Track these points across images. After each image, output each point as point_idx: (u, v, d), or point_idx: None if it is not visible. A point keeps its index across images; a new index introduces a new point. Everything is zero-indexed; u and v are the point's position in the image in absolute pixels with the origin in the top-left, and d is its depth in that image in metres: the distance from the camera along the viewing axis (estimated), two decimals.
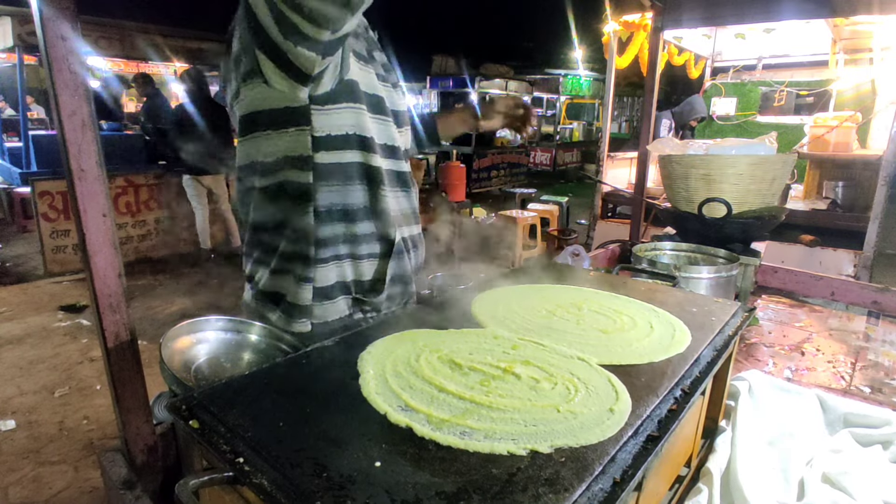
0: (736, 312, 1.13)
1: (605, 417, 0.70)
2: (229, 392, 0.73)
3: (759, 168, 1.94)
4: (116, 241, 0.97)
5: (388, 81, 1.22)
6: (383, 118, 1.17)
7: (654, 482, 0.79)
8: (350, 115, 1.09)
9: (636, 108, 17.16)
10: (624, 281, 1.36)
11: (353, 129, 1.10)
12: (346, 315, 1.19)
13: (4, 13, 5.09)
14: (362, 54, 1.13)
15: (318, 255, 1.11)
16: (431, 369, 0.81)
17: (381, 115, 1.16)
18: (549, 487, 0.57)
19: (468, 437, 0.65)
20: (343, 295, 1.17)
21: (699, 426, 1.04)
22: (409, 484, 0.57)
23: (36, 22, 0.85)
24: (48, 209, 4.88)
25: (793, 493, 1.04)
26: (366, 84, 1.12)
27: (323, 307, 1.15)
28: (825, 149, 4.00)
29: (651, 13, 2.87)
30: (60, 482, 2.36)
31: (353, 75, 1.08)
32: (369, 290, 1.19)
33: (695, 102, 5.42)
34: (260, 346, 1.16)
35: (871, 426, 1.19)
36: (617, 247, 2.54)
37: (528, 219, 5.67)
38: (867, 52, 4.85)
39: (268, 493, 0.55)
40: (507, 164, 11.95)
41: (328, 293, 1.15)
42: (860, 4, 2.40)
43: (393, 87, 1.24)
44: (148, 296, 4.65)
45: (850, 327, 1.89)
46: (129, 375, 1.02)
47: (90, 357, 3.48)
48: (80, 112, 0.89)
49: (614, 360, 0.87)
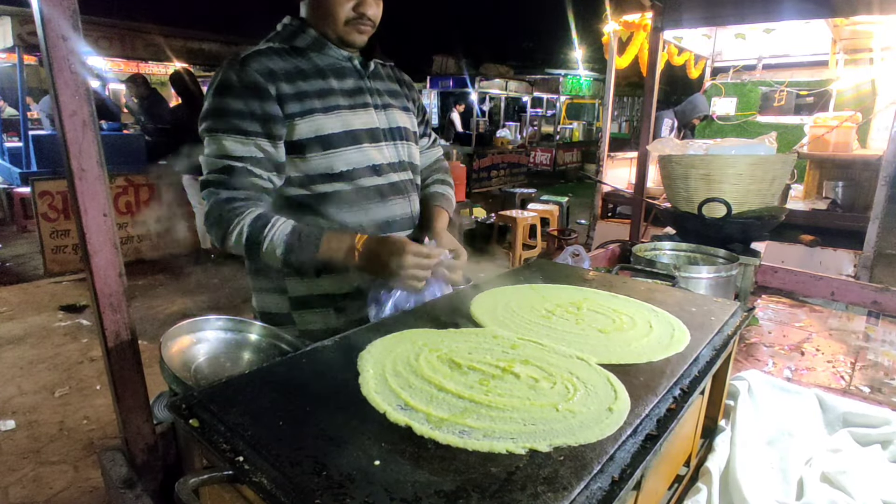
0: (735, 312, 1.13)
1: (603, 416, 0.70)
2: (229, 391, 0.73)
3: (759, 168, 1.94)
4: (117, 241, 0.97)
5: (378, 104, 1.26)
6: (368, 145, 1.22)
7: (652, 481, 0.79)
8: (332, 158, 1.17)
9: (636, 108, 17.15)
10: (623, 281, 1.36)
11: (341, 166, 1.17)
12: (329, 326, 1.23)
13: (4, 13, 5.09)
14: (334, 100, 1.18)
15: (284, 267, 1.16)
16: (431, 368, 0.81)
17: (365, 143, 1.21)
18: (547, 486, 0.57)
19: (467, 436, 0.65)
20: (323, 306, 1.23)
21: (698, 425, 1.04)
22: (408, 482, 0.57)
23: (37, 22, 0.85)
24: (48, 209, 4.88)
25: (792, 493, 1.04)
26: (343, 124, 1.18)
27: (301, 316, 1.22)
28: (825, 149, 3.99)
29: (651, 13, 2.87)
30: (61, 482, 2.36)
31: (328, 128, 1.16)
32: (351, 299, 1.22)
33: (697, 101, 5.42)
34: (260, 346, 1.16)
35: (870, 426, 1.19)
36: (617, 247, 2.54)
37: (528, 219, 5.67)
38: (867, 52, 4.85)
39: (267, 491, 0.56)
40: (507, 164, 11.95)
41: (307, 302, 1.22)
42: (860, 4, 2.40)
43: (386, 107, 1.28)
44: (148, 296, 4.65)
45: (850, 327, 1.89)
46: (130, 375, 1.02)
47: (90, 357, 3.48)
48: (81, 112, 0.89)
49: (613, 359, 0.87)
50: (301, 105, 1.13)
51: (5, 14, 5.08)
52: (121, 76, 9.15)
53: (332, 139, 1.16)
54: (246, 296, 1.32)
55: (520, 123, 14.05)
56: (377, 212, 1.23)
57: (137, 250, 5.51)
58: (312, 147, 1.15)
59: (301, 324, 1.23)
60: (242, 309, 4.25)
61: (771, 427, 1.18)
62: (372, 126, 1.23)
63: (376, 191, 1.23)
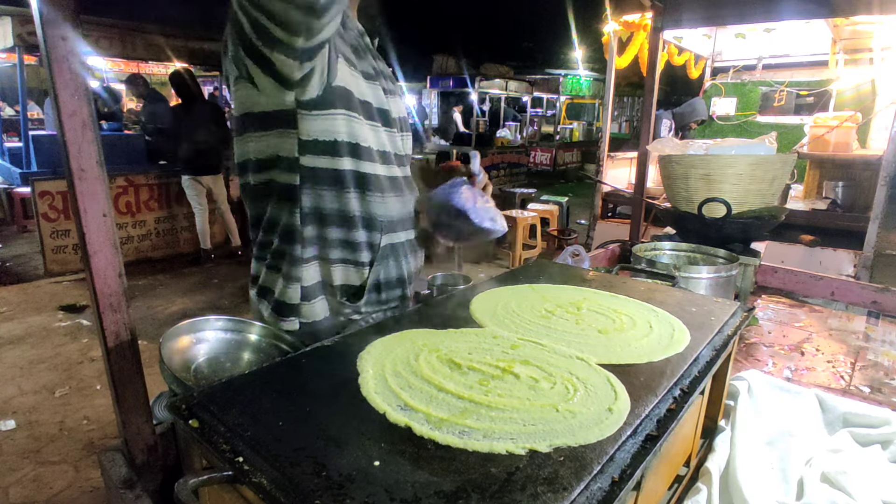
0: (735, 312, 1.13)
1: (603, 417, 0.70)
2: (229, 391, 0.73)
3: (759, 168, 1.94)
4: (117, 241, 0.97)
5: (388, 89, 1.20)
6: (379, 125, 1.16)
7: (652, 481, 0.79)
8: (342, 122, 1.08)
9: (636, 108, 17.15)
10: (623, 281, 1.36)
11: (344, 136, 1.09)
12: (330, 316, 1.19)
13: (4, 13, 5.09)
14: (354, 62, 1.12)
15: (304, 254, 1.12)
16: (430, 369, 0.81)
17: (376, 123, 1.15)
18: (547, 486, 0.57)
19: (467, 437, 0.65)
20: (324, 296, 1.18)
21: (698, 426, 1.04)
22: (407, 483, 0.57)
23: (36, 22, 0.85)
24: (48, 209, 4.88)
25: (792, 493, 1.04)
26: (360, 92, 1.10)
27: (310, 306, 1.16)
28: (825, 149, 3.99)
29: (651, 13, 2.87)
30: (61, 482, 2.36)
31: (345, 83, 1.07)
32: (352, 294, 1.19)
33: (696, 104, 5.43)
34: (260, 346, 1.16)
35: (870, 426, 1.19)
36: (617, 247, 2.54)
37: (528, 219, 5.67)
38: (867, 52, 4.85)
39: (267, 491, 0.56)
40: (507, 164, 11.96)
41: (311, 293, 1.16)
42: (860, 4, 2.40)
43: (393, 94, 1.22)
44: (148, 296, 4.65)
45: (850, 327, 1.89)
46: (129, 375, 1.02)
47: (90, 357, 3.48)
48: (81, 112, 0.89)
49: (613, 359, 0.87)
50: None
51: (5, 14, 5.08)
52: (121, 76, 9.15)
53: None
54: (246, 296, 1.31)
55: (520, 124, 14.05)
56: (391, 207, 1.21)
57: (137, 250, 5.52)
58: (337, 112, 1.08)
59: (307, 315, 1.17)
60: (242, 309, 4.25)
61: (771, 427, 1.18)
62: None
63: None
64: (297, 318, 1.16)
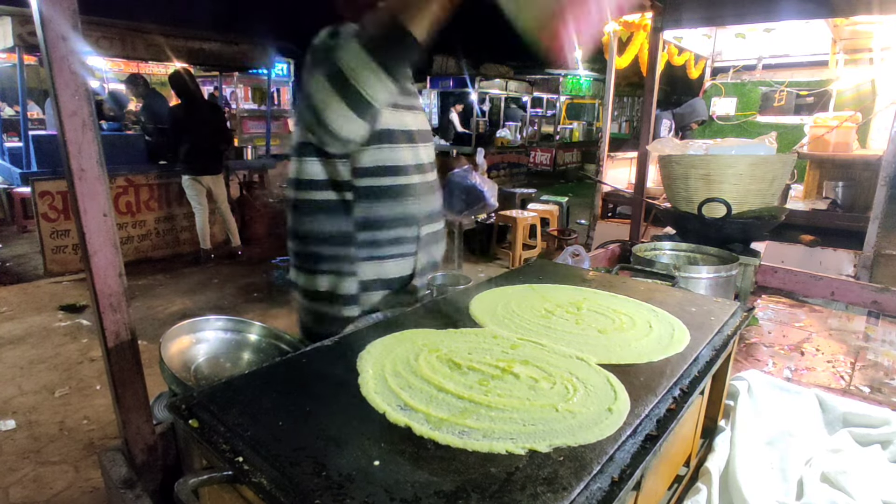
0: (735, 312, 1.13)
1: (603, 417, 0.70)
2: (229, 391, 0.73)
3: (759, 168, 1.94)
4: (117, 241, 0.97)
5: (415, 106, 1.40)
6: (413, 145, 1.36)
7: (652, 481, 0.79)
8: (387, 151, 1.29)
9: (636, 108, 17.14)
10: (623, 281, 1.36)
11: (389, 162, 1.30)
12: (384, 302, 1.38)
13: (4, 13, 5.08)
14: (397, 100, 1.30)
15: (359, 254, 1.32)
16: (430, 369, 0.81)
17: (411, 143, 1.35)
18: (547, 486, 0.57)
19: (467, 437, 0.65)
20: (381, 289, 1.37)
21: (698, 426, 1.04)
22: (407, 483, 0.57)
23: (36, 22, 0.85)
24: (48, 209, 4.88)
25: (792, 493, 1.04)
26: (398, 123, 1.31)
27: (368, 295, 1.36)
28: (825, 149, 3.99)
29: (651, 13, 2.87)
30: (61, 482, 2.37)
31: (387, 124, 1.26)
32: (405, 281, 1.40)
33: (696, 105, 5.42)
34: (260, 346, 1.17)
35: (870, 426, 1.19)
36: (617, 247, 2.54)
37: (528, 219, 5.67)
38: (867, 52, 4.85)
39: (267, 491, 0.56)
40: (507, 164, 11.96)
41: (369, 286, 1.35)
42: (860, 4, 2.39)
43: (417, 109, 1.41)
44: (148, 296, 4.65)
45: (850, 327, 1.89)
46: (129, 375, 1.02)
47: (90, 357, 3.48)
48: (81, 112, 0.89)
49: (613, 359, 0.87)
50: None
51: (5, 14, 5.08)
52: (121, 76, 9.14)
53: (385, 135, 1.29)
54: (246, 296, 1.33)
55: (520, 123, 14.05)
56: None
57: (137, 250, 5.52)
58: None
59: (365, 303, 1.36)
60: (242, 309, 4.25)
61: (771, 427, 1.18)
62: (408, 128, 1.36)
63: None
64: (358, 307, 1.34)
